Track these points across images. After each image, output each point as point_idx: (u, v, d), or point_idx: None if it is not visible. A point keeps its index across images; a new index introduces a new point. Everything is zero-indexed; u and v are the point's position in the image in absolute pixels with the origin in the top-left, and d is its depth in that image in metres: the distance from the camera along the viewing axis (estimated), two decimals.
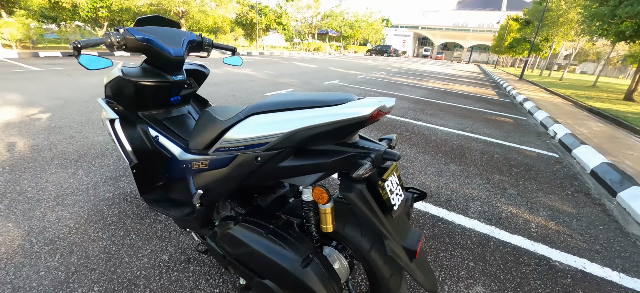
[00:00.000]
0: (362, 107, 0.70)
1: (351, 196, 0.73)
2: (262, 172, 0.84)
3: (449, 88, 9.11)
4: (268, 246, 0.83)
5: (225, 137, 0.90)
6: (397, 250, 0.77)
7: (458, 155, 3.19)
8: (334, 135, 0.77)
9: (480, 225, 1.92)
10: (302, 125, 0.74)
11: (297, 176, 0.81)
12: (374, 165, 0.72)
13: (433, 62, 33.40)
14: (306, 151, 0.80)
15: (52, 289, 1.22)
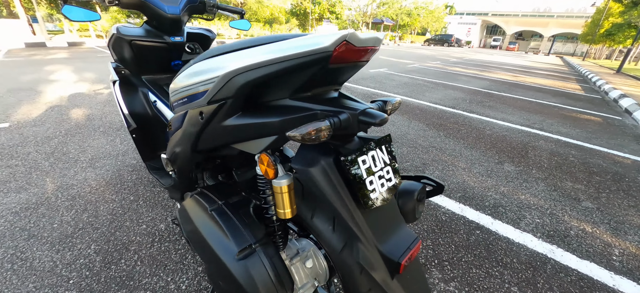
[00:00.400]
0: (320, 38, 0.47)
1: (309, 171, 0.52)
2: (208, 134, 0.69)
3: (518, 80, 7.83)
4: (207, 226, 0.68)
5: (172, 85, 0.76)
6: (372, 258, 0.54)
7: (518, 154, 2.63)
8: (288, 84, 0.56)
9: (535, 241, 1.50)
10: (238, 66, 0.55)
11: (246, 140, 0.63)
12: (336, 129, 0.50)
13: (502, 53, 29.40)
14: (257, 108, 0.61)
15: (58, 241, 1.28)
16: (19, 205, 1.50)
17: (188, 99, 0.70)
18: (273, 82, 0.56)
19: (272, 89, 0.58)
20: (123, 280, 1.11)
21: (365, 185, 0.53)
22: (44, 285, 1.07)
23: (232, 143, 0.67)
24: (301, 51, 0.48)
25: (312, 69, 0.51)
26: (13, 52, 7.54)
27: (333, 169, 0.53)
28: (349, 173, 0.52)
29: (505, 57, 19.60)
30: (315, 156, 0.54)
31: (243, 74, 0.55)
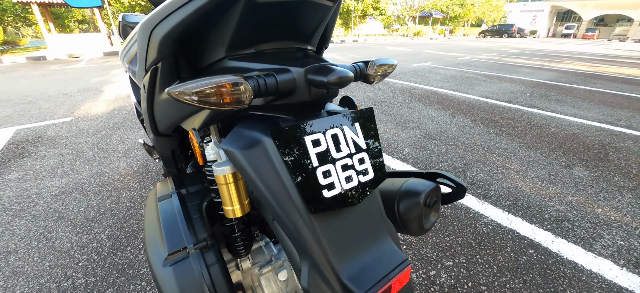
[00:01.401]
0: None
1: (235, 153, 0.38)
2: (157, 111, 0.58)
3: (596, 70, 6.55)
4: (149, 220, 0.57)
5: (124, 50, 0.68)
6: (325, 289, 0.37)
7: (594, 156, 2.11)
8: (219, 38, 0.43)
9: (616, 270, 1.13)
10: (151, 14, 0.44)
11: (187, 116, 0.51)
12: (262, 91, 0.35)
13: (577, 42, 25.23)
14: (195, 73, 0.49)
15: (80, 224, 1.35)
16: (59, 189, 1.63)
17: (130, 66, 0.61)
18: (200, 35, 0.44)
19: (204, 47, 0.46)
20: (124, 268, 1.10)
21: (315, 177, 0.37)
22: (56, 265, 1.12)
23: (179, 121, 0.56)
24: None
25: (236, 7, 0.37)
26: (93, 60, 8.78)
27: (274, 152, 0.38)
28: (286, 158, 0.36)
29: (581, 46, 16.76)
30: (252, 134, 0.39)
31: (160, 25, 0.43)
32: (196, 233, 0.53)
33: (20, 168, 1.87)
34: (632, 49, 15.83)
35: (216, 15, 0.40)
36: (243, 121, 0.44)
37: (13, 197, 1.56)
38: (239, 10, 0.38)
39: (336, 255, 0.39)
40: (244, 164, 0.38)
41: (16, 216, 1.41)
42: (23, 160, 1.98)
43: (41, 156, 2.05)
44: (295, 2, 0.40)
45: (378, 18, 31.20)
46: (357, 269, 0.39)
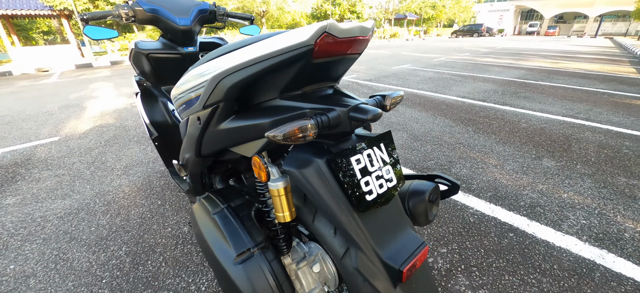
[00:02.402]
0: (300, 33, 0.45)
1: (299, 173, 0.50)
2: (207, 138, 0.69)
3: (559, 67, 7.15)
4: (210, 230, 0.68)
5: (172, 92, 0.78)
6: (372, 266, 0.50)
7: (559, 148, 2.38)
8: (275, 84, 0.55)
9: (580, 244, 1.33)
10: (223, 68, 0.55)
11: (242, 143, 0.62)
12: (324, 126, 0.47)
13: (540, 39, 27.06)
14: (249, 110, 0.60)
15: (95, 243, 1.39)
16: (63, 211, 1.65)
17: (186, 105, 0.71)
18: (260, 82, 0.55)
19: (261, 90, 0.57)
20: (149, 280, 1.17)
21: (360, 186, 0.50)
22: (81, 284, 1.16)
23: (230, 146, 0.67)
24: (281, 48, 0.47)
25: (296, 65, 0.49)
26: (65, 73, 8.41)
27: (327, 170, 0.50)
28: (340, 174, 0.49)
29: (544, 43, 18.04)
30: (307, 157, 0.52)
31: (229, 77, 0.54)
32: (254, 237, 0.64)
33: (17, 193, 1.85)
34: (588, 44, 17.24)
35: (279, 71, 0.52)
36: (295, 147, 0.56)
37: (17, 222, 1.56)
38: (298, 67, 0.50)
39: (376, 242, 0.51)
40: (302, 180, 0.50)
41: (25, 240, 1.42)
42: (17, 184, 1.96)
43: (35, 179, 2.03)
44: (342, 58, 0.53)
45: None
46: (392, 251, 0.52)
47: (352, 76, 6.12)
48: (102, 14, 1.20)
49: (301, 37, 0.44)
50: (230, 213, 0.70)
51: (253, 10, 20.91)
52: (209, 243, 0.66)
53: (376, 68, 7.32)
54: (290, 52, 0.46)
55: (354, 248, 0.51)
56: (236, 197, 0.78)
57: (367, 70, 7.03)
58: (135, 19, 1.23)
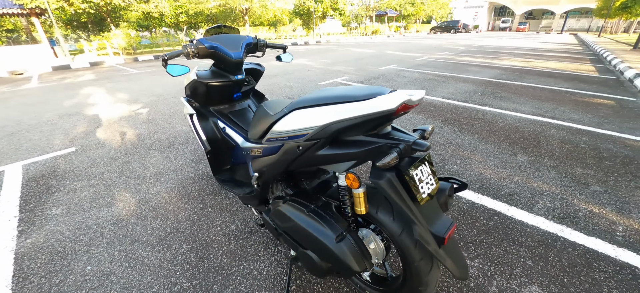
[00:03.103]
0: (388, 101, 0.75)
1: (380, 183, 0.80)
2: (303, 159, 0.97)
3: (529, 66, 7.85)
4: (308, 222, 0.97)
5: (273, 129, 1.05)
6: (425, 236, 0.81)
7: (530, 144, 2.83)
8: (363, 127, 0.84)
9: (546, 222, 1.74)
10: (333, 118, 0.83)
11: (333, 163, 0.91)
12: (400, 156, 0.77)
13: (512, 35, 28.71)
14: (341, 141, 0.89)
15: (156, 243, 1.62)
16: (114, 217, 1.85)
17: (289, 138, 0.99)
18: (354, 127, 0.84)
19: (353, 131, 0.86)
20: (216, 270, 1.43)
21: (418, 188, 0.81)
22: (159, 277, 1.40)
23: (322, 165, 0.96)
24: (375, 111, 0.76)
25: (382, 120, 0.79)
26: (44, 77, 8.12)
27: (396, 179, 0.80)
28: (407, 181, 0.80)
29: (515, 40, 19.23)
30: (383, 172, 0.82)
31: (336, 123, 0.83)
32: (341, 224, 0.94)
33: (59, 203, 2.02)
34: (555, 41, 18.56)
35: (371, 122, 0.81)
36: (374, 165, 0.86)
37: (73, 230, 1.75)
38: (382, 120, 0.79)
39: (427, 222, 0.83)
40: (386, 186, 0.80)
41: (90, 245, 1.63)
42: (55, 195, 2.11)
43: (71, 189, 2.18)
44: (404, 113, 0.82)
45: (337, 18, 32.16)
46: (436, 226, 0.83)
47: (343, 78, 6.44)
48: (176, 53, 1.43)
49: (391, 104, 0.74)
50: (319, 209, 0.99)
51: (235, 8, 20.64)
52: (309, 231, 0.95)
53: (364, 69, 7.68)
54: (382, 113, 0.76)
55: (414, 226, 0.82)
56: (313, 198, 1.07)
57: (356, 71, 7.38)
58: (198, 55, 1.46)
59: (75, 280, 1.41)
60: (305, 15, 28.01)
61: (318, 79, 6.27)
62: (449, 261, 0.83)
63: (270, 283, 1.36)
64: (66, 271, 1.46)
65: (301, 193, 1.16)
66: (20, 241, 1.68)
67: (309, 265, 1.04)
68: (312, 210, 1.00)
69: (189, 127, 3.38)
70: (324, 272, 1.01)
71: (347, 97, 0.85)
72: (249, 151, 1.29)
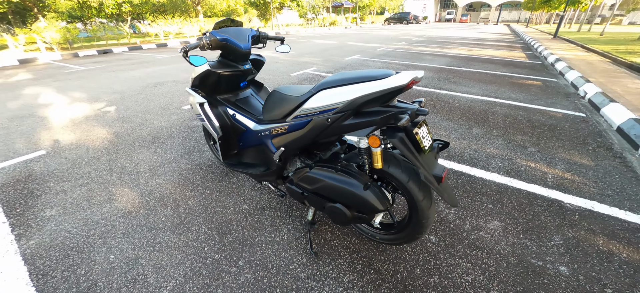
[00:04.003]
0: (401, 78, 1.02)
1: (395, 141, 1.07)
2: (331, 130, 1.20)
3: (473, 54, 8.87)
4: (339, 178, 1.21)
5: (303, 107, 1.25)
6: (429, 177, 1.10)
7: (481, 119, 3.38)
8: (382, 100, 1.10)
9: (499, 177, 2.20)
10: (361, 93, 1.07)
11: (356, 130, 1.16)
12: (410, 118, 1.05)
13: (457, 26, 31.48)
14: (362, 112, 1.14)
15: (174, 227, 1.71)
16: (120, 211, 1.87)
17: (319, 113, 1.20)
18: (375, 100, 1.09)
19: (373, 103, 1.11)
20: (241, 241, 1.60)
21: (422, 142, 1.09)
22: (188, 254, 1.53)
23: (346, 132, 1.19)
24: (393, 86, 1.02)
25: (396, 93, 1.05)
26: None
27: (406, 137, 1.08)
28: (416, 137, 1.08)
29: (460, 31, 21.17)
30: (396, 132, 1.08)
31: (362, 97, 1.07)
32: (362, 178, 1.19)
33: (51, 205, 1.96)
34: (492, 31, 20.83)
35: (388, 95, 1.06)
36: (389, 127, 1.12)
37: (80, 227, 1.75)
38: (396, 93, 1.05)
39: (428, 168, 1.12)
40: (398, 144, 1.06)
41: (105, 237, 1.66)
42: (43, 198, 2.03)
43: (60, 191, 2.11)
44: None
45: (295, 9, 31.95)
46: (435, 169, 1.13)
47: (312, 69, 6.65)
48: (194, 45, 1.52)
49: (403, 80, 1.00)
50: (344, 169, 1.23)
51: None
52: (340, 185, 1.19)
53: (331, 59, 7.97)
54: (398, 87, 1.01)
55: (420, 170, 1.10)
56: (335, 162, 1.31)
57: (323, 62, 7.63)
58: (211, 46, 1.57)
59: (103, 268, 1.47)
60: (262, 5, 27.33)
61: (288, 71, 6.40)
62: (445, 194, 1.14)
63: (293, 245, 1.57)
64: (89, 262, 1.50)
65: (322, 161, 1.39)
66: (23, 243, 1.64)
67: (337, 216, 1.28)
68: (340, 169, 1.24)
69: (188, 118, 3.34)
70: (348, 220, 1.27)
71: (366, 77, 1.10)
72: (269, 131, 1.47)
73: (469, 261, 1.48)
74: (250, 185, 2.11)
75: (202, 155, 2.57)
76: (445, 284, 1.35)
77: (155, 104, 4.11)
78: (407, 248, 1.55)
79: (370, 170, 1.24)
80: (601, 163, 2.42)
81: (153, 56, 9.49)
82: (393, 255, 1.50)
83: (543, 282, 1.37)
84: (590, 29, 18.01)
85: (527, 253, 1.53)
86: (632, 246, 1.58)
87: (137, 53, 10.62)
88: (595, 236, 1.65)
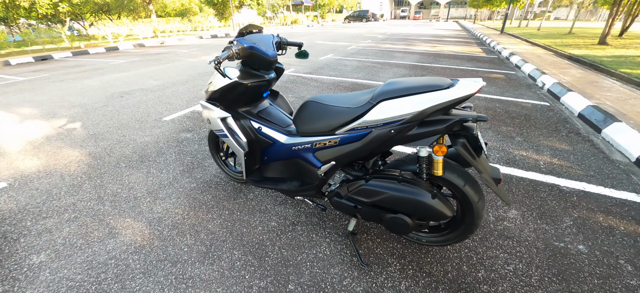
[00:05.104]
0: (470, 87, 1.03)
1: (458, 147, 1.09)
2: (394, 141, 1.18)
3: (438, 50, 9.46)
4: (404, 189, 1.20)
5: (363, 119, 1.21)
6: (489, 180, 1.15)
7: None
8: (448, 109, 1.11)
9: (502, 167, 2.37)
10: (432, 104, 1.07)
11: (421, 139, 1.15)
12: (474, 123, 1.08)
13: (413, 23, 33.30)
14: (425, 121, 1.14)
15: (203, 257, 1.56)
16: (130, 247, 1.65)
17: (383, 125, 1.16)
18: (443, 109, 1.09)
19: (439, 112, 1.11)
20: (283, 263, 1.51)
21: (482, 145, 1.13)
22: (229, 285, 1.40)
23: (410, 142, 1.18)
24: (465, 94, 1.03)
25: (462, 101, 1.06)
26: None
27: (467, 143, 1.10)
28: (479, 142, 1.11)
29: (417, 28, 22.43)
30: (457, 139, 1.10)
31: (433, 107, 1.06)
32: (424, 187, 1.19)
33: (35, 249, 1.65)
34: (445, 27, 22.41)
35: (459, 102, 1.06)
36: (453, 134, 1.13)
37: (85, 271, 1.50)
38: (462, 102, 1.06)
39: (486, 171, 1.16)
40: (461, 149, 1.08)
41: (122, 280, 1.45)
42: (22, 242, 1.71)
43: (43, 230, 1.79)
44: None
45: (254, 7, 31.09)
46: (492, 173, 1.18)
47: (291, 70, 6.53)
48: (226, 56, 1.37)
49: (473, 89, 1.01)
50: (406, 178, 1.22)
51: None
52: (405, 195, 1.17)
53: (305, 61, 7.90)
54: (468, 96, 1.03)
55: (481, 174, 1.14)
56: (391, 173, 1.29)
57: (300, 63, 7.54)
58: (239, 55, 1.45)
59: None
60: (220, 4, 26.12)
61: None
62: (503, 194, 1.19)
63: (339, 259, 1.53)
64: None
65: (376, 172, 1.36)
66: None
67: (397, 226, 1.27)
68: (401, 180, 1.23)
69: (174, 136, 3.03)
70: (410, 229, 1.27)
71: (430, 86, 1.10)
72: (311, 144, 1.40)
73: (504, 251, 1.57)
74: (271, 200, 2.00)
75: (206, 172, 2.37)
76: (493, 277, 1.42)
77: (129, 117, 3.69)
78: (447, 248, 1.59)
79: (427, 177, 1.25)
80: (577, 147, 2.74)
81: (106, 62, 8.53)
82: (437, 256, 1.54)
83: (570, 262, 1.51)
84: (527, 24, 20.31)
85: (548, 237, 1.67)
86: (625, 219, 1.81)
87: (85, 59, 9.47)
88: (595, 214, 1.86)
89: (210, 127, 1.80)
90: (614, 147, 2.74)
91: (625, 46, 8.66)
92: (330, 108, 1.33)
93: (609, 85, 4.76)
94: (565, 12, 39.84)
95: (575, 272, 1.46)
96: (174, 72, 6.52)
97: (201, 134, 3.13)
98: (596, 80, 5.09)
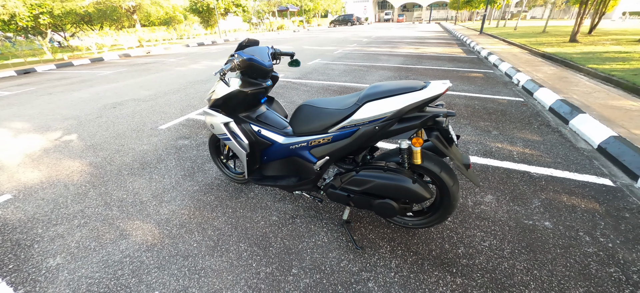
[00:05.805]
0: (438, 87, 1.24)
1: (433, 139, 1.30)
2: (378, 136, 1.37)
3: (420, 52, 9.83)
4: (388, 177, 1.39)
5: (351, 118, 1.39)
6: (460, 166, 1.35)
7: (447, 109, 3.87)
8: (422, 107, 1.31)
9: (479, 159, 2.61)
10: (408, 102, 1.26)
11: (401, 133, 1.35)
12: (444, 118, 1.28)
13: (396, 26, 34.11)
14: (404, 118, 1.33)
15: (211, 251, 1.70)
16: (142, 245, 1.77)
17: (369, 123, 1.35)
18: (417, 107, 1.28)
19: (414, 109, 1.31)
20: (286, 251, 1.67)
21: (452, 136, 1.33)
22: (238, 273, 1.55)
23: (392, 136, 1.37)
24: (435, 94, 1.23)
25: (433, 99, 1.26)
26: None
27: (440, 135, 1.31)
28: (449, 134, 1.31)
29: (401, 30, 23.04)
30: (431, 132, 1.30)
31: (409, 105, 1.26)
32: (406, 174, 1.38)
33: (51, 253, 1.76)
34: (427, 29, 23.11)
35: (430, 101, 1.26)
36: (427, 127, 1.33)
37: (103, 269, 1.62)
38: (434, 98, 1.26)
39: (457, 158, 1.36)
40: (435, 141, 1.28)
41: (139, 275, 1.58)
42: (36, 247, 1.81)
43: (56, 235, 1.89)
44: None
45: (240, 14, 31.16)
46: (463, 160, 1.39)
47: (281, 76, 6.70)
48: (229, 68, 1.54)
49: (440, 89, 1.21)
50: (390, 168, 1.41)
51: (121, 5, 17.61)
52: (391, 182, 1.36)
53: None
54: (437, 95, 1.23)
55: (452, 161, 1.34)
56: (376, 164, 1.47)
57: (288, 68, 7.72)
58: (240, 66, 1.61)
59: None
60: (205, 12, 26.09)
61: None
62: (472, 177, 1.40)
63: (336, 245, 1.70)
64: None
65: (365, 164, 1.55)
66: None
67: (385, 210, 1.46)
68: (386, 169, 1.42)
69: (182, 140, 3.13)
70: (396, 212, 1.46)
71: (407, 88, 1.29)
72: (307, 143, 1.58)
73: (481, 230, 1.79)
74: (271, 197, 2.16)
75: (207, 175, 2.51)
76: (471, 252, 1.63)
77: (125, 127, 3.77)
78: (431, 229, 1.80)
79: (409, 166, 1.44)
80: (547, 138, 3.03)
81: (93, 73, 8.47)
82: (423, 237, 1.74)
83: (537, 236, 1.74)
84: (505, 24, 21.23)
85: (519, 216, 1.90)
86: (586, 198, 2.07)
87: (70, 71, 9.35)
88: (560, 195, 2.11)
89: (214, 132, 1.96)
90: (579, 136, 3.04)
91: (593, 43, 9.27)
92: (322, 110, 1.51)
93: (577, 81, 5.16)
94: (540, 11, 41.83)
95: (541, 244, 1.68)
96: (164, 82, 6.57)
97: (198, 140, 3.25)
98: (566, 76, 5.49)
